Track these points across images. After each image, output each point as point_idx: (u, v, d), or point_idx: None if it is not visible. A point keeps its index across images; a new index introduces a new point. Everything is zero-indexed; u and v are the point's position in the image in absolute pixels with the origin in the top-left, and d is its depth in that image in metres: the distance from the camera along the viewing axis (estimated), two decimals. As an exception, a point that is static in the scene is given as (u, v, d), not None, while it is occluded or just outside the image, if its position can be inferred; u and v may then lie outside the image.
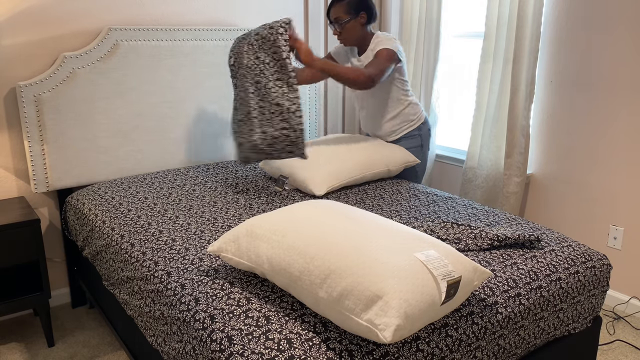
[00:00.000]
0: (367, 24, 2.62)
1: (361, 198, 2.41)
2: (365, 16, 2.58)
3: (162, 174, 2.78)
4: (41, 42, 2.56)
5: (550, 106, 2.88)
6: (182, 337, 1.51)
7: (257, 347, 1.29)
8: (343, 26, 2.57)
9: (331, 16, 2.59)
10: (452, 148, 3.50)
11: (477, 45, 3.26)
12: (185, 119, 2.94)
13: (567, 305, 1.75)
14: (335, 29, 2.60)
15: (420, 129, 2.77)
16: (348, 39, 2.62)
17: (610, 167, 2.68)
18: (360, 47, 2.68)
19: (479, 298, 1.55)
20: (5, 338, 2.53)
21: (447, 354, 1.39)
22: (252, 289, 1.55)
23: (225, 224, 2.08)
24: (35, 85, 2.47)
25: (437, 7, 3.21)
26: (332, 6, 2.58)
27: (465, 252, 1.81)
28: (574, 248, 1.90)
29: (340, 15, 2.56)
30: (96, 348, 2.44)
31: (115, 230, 2.08)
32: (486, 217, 2.17)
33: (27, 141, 2.50)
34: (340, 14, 2.56)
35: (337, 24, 2.58)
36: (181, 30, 2.83)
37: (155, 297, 1.67)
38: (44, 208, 2.71)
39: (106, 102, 2.68)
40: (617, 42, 2.56)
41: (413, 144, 2.77)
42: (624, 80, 2.56)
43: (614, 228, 2.71)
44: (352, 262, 1.31)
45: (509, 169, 2.93)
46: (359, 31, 2.60)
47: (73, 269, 2.79)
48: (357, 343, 1.32)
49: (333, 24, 2.60)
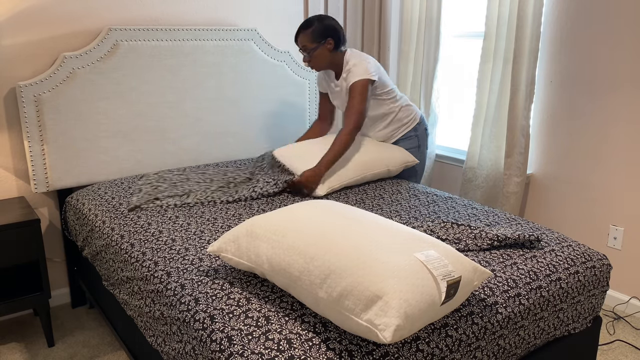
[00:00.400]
0: (336, 49, 2.60)
1: (361, 198, 2.41)
2: (332, 42, 2.56)
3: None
4: (41, 42, 2.56)
5: (550, 106, 2.88)
6: (182, 337, 1.51)
7: (257, 347, 1.29)
8: (311, 54, 2.57)
9: (299, 44, 2.59)
10: (452, 148, 3.50)
11: (477, 45, 3.26)
12: (185, 119, 2.94)
13: (567, 305, 1.75)
14: (304, 57, 2.60)
15: (416, 129, 2.78)
16: (318, 65, 2.62)
17: (610, 167, 2.68)
18: (335, 70, 2.68)
19: (479, 298, 1.55)
20: (5, 338, 2.53)
21: (447, 354, 1.39)
22: (252, 289, 1.55)
23: (225, 224, 2.08)
24: (35, 85, 2.47)
25: (437, 7, 3.21)
26: (298, 35, 2.58)
27: (465, 252, 1.81)
28: (574, 248, 1.89)
29: (307, 44, 2.55)
30: (96, 348, 2.45)
31: (115, 230, 2.08)
32: (486, 217, 2.17)
33: (27, 141, 2.50)
34: (306, 42, 2.56)
35: (304, 52, 2.58)
36: (181, 30, 2.83)
37: (155, 297, 1.67)
38: (44, 208, 2.71)
39: (106, 102, 2.68)
40: (617, 42, 2.56)
41: (410, 145, 2.77)
42: (624, 80, 2.56)
43: (614, 228, 2.71)
44: (352, 262, 1.31)
45: (509, 169, 2.93)
46: (328, 57, 2.60)
47: (73, 269, 2.79)
48: (357, 343, 1.32)
49: (301, 52, 2.61)
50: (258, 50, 3.12)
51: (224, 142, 3.10)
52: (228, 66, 3.02)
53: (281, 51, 3.22)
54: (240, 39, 3.04)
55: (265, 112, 3.23)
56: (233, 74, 3.05)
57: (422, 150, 2.82)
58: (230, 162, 3.04)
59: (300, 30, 2.56)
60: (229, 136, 3.11)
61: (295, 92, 3.33)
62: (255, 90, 3.16)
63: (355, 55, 2.60)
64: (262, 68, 3.15)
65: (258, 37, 3.10)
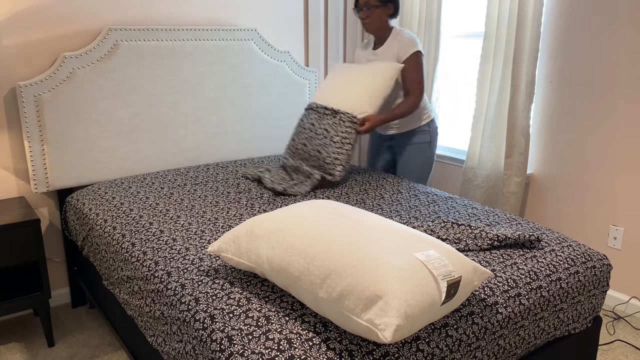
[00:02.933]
0: (391, 17, 2.76)
1: (361, 198, 2.41)
2: (392, 8, 2.72)
3: (162, 174, 2.78)
4: (41, 42, 2.56)
5: (550, 106, 2.88)
6: (182, 337, 1.51)
7: (257, 347, 1.29)
8: (372, 11, 2.68)
9: (361, 0, 2.71)
10: (452, 148, 3.50)
11: (477, 45, 3.26)
12: (185, 119, 2.94)
13: (567, 305, 1.75)
14: (364, 11, 2.70)
15: (429, 125, 2.85)
16: (372, 24, 2.73)
17: (610, 167, 2.68)
18: (378, 38, 2.81)
19: (479, 298, 1.55)
20: (5, 338, 2.53)
21: (447, 354, 1.39)
22: (252, 289, 1.55)
23: (226, 223, 2.08)
24: (35, 85, 2.47)
25: (437, 7, 3.21)
26: None
27: (465, 252, 1.81)
28: (574, 248, 1.90)
29: (371, 0, 2.67)
30: (96, 348, 2.44)
31: (116, 229, 2.08)
32: (486, 217, 2.17)
33: (27, 141, 2.50)
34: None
35: (366, 8, 2.69)
36: (181, 30, 2.83)
37: (155, 297, 1.67)
38: (44, 208, 2.71)
39: (106, 102, 2.68)
40: (617, 42, 2.56)
41: (422, 139, 2.84)
42: (624, 80, 2.56)
43: (614, 228, 2.71)
44: (352, 262, 1.31)
45: (509, 169, 2.93)
46: (384, 20, 2.73)
47: (73, 269, 2.79)
48: (357, 343, 1.32)
49: (361, 8, 2.71)
50: (258, 50, 3.12)
51: (224, 142, 3.10)
52: (228, 66, 3.02)
53: (281, 51, 3.22)
54: (240, 39, 3.04)
55: (265, 112, 3.23)
56: (233, 74, 3.05)
57: (432, 148, 2.88)
58: (230, 162, 3.04)
59: None
60: (228, 136, 3.11)
61: (295, 92, 3.33)
62: (255, 90, 3.16)
63: (405, 32, 2.73)
64: (262, 68, 3.15)
65: (258, 37, 3.10)
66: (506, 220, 2.14)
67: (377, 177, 2.76)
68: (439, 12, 3.21)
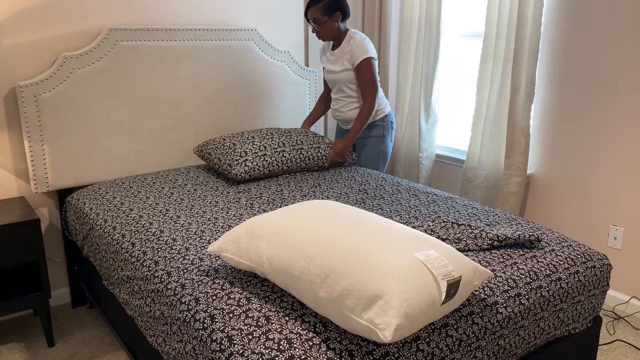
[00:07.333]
0: (342, 22, 2.89)
1: (361, 198, 2.41)
2: (340, 15, 2.85)
3: (162, 174, 2.78)
4: (41, 42, 2.56)
5: (550, 106, 2.88)
6: (182, 337, 1.51)
7: (257, 347, 1.29)
8: (321, 25, 2.85)
9: (309, 17, 2.86)
10: (452, 148, 3.50)
11: (477, 45, 3.26)
12: (185, 119, 2.94)
13: (567, 305, 1.75)
14: (314, 28, 2.87)
15: (383, 120, 3.01)
16: (325, 36, 2.90)
17: (610, 167, 2.68)
18: (335, 41, 2.96)
19: (479, 298, 1.55)
20: (5, 338, 2.53)
21: (447, 354, 1.39)
22: (252, 289, 1.55)
23: (226, 223, 2.08)
24: (35, 85, 2.47)
25: (437, 7, 3.21)
26: (309, 8, 2.84)
27: (466, 252, 1.81)
28: (574, 248, 1.90)
29: (318, 16, 2.82)
30: (96, 348, 2.44)
31: (116, 229, 2.08)
32: (486, 217, 2.17)
33: (27, 141, 2.50)
34: (317, 15, 2.82)
35: (315, 24, 2.86)
36: (181, 30, 2.83)
37: (155, 297, 1.67)
38: (44, 208, 2.71)
39: (106, 102, 2.68)
40: (617, 42, 2.56)
41: (377, 133, 3.01)
42: (624, 80, 2.56)
43: (614, 228, 2.71)
44: (352, 261, 1.31)
45: (509, 169, 2.93)
46: (335, 28, 2.88)
47: (73, 269, 2.79)
48: (357, 343, 1.32)
49: (311, 23, 2.87)
50: (258, 50, 3.12)
51: (224, 142, 3.10)
52: (228, 66, 3.02)
53: (281, 51, 3.22)
54: (240, 39, 3.04)
55: (265, 112, 3.23)
56: (233, 74, 3.05)
57: (386, 141, 3.04)
58: (230, 162, 3.03)
59: (311, 4, 2.82)
60: (229, 136, 3.11)
61: (295, 92, 3.33)
62: (255, 90, 3.17)
63: (357, 39, 2.87)
64: (262, 68, 3.15)
65: (258, 37, 3.10)
66: (506, 220, 2.14)
67: (377, 177, 2.76)
68: (439, 12, 3.21)
